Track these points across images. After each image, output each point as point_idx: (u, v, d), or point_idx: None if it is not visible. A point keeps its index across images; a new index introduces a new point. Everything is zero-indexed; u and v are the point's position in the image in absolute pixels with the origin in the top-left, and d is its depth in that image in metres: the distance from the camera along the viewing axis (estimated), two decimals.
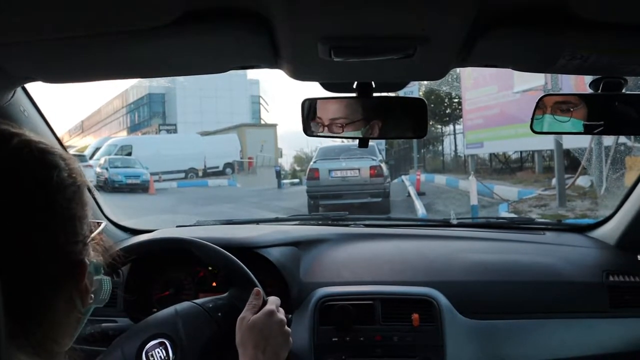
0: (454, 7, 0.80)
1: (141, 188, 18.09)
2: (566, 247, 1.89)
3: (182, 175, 24.89)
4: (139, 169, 19.47)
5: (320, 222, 2.18)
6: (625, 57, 1.02)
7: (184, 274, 1.76)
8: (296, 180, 23.20)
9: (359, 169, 10.83)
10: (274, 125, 34.51)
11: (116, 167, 19.31)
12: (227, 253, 1.40)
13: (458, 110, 20.00)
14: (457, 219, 2.15)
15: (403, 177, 18.14)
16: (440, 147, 24.23)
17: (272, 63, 1.06)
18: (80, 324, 0.73)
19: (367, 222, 2.17)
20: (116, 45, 0.94)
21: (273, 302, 1.26)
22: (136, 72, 1.21)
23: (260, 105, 42.05)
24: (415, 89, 20.82)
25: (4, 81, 1.18)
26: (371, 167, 10.83)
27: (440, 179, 16.58)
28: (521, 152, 17.37)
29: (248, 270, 1.37)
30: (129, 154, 22.56)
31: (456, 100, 20.05)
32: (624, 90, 1.16)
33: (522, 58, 1.06)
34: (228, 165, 26.94)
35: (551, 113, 1.22)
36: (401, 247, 1.92)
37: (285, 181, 21.84)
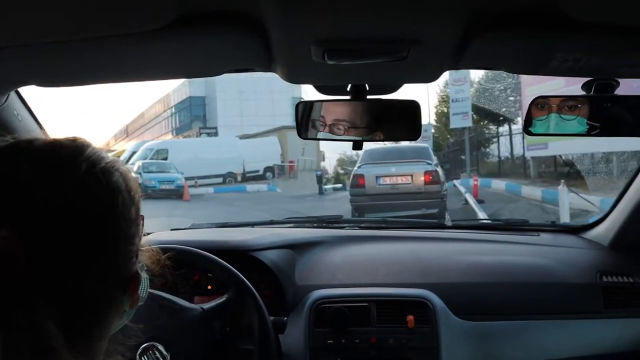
0: (447, 10, 0.81)
1: (175, 194, 17.24)
2: (560, 249, 1.90)
3: (220, 180, 23.67)
4: (174, 173, 18.73)
5: (315, 225, 2.18)
6: (617, 59, 1.04)
7: (179, 278, 1.65)
8: (339, 185, 21.75)
9: (411, 175, 9.26)
10: None
11: (150, 171, 18.49)
12: (215, 257, 1.42)
13: (514, 109, 18.33)
14: (452, 220, 2.40)
15: (455, 181, 16.59)
16: (493, 149, 22.48)
17: (266, 66, 1.06)
18: (123, 321, 0.72)
19: (362, 225, 2.19)
20: (110, 49, 0.95)
21: None
22: (131, 75, 1.19)
23: None
24: (467, 87, 19.21)
25: None
26: (426, 173, 9.28)
27: (498, 184, 14.87)
28: (592, 154, 15.47)
29: (238, 273, 1.39)
30: (165, 158, 21.69)
31: (512, 98, 18.39)
32: (616, 92, 1.16)
33: (514, 60, 1.07)
34: (268, 169, 25.70)
35: (545, 114, 1.22)
36: (396, 249, 1.92)
37: (327, 186, 20.52)
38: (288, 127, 33.38)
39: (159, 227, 2.21)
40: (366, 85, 1.17)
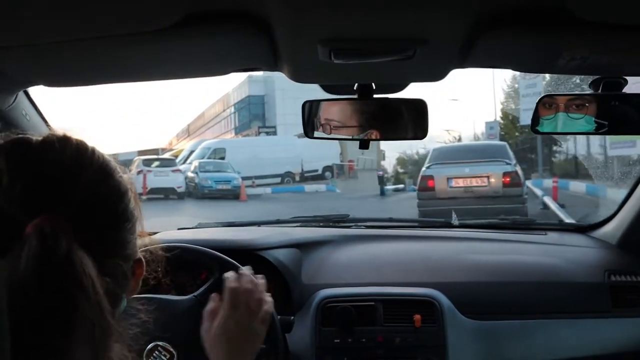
0: (454, 9, 0.81)
1: (232, 194, 16.90)
2: (568, 248, 1.89)
3: (278, 180, 23.18)
4: (231, 173, 18.36)
5: (321, 224, 2.17)
6: (625, 57, 1.04)
7: (186, 277, 1.68)
8: (400, 186, 20.79)
9: (488, 177, 8.21)
10: None
11: (207, 171, 18.29)
12: (209, 250, 1.44)
13: None
14: (459, 219, 2.14)
15: (527, 183, 15.34)
16: (566, 147, 20.87)
17: (273, 65, 1.07)
18: (119, 310, 0.73)
19: (368, 224, 2.17)
20: (117, 49, 0.96)
21: (229, 280, 1.10)
22: (137, 75, 1.21)
23: None
24: (539, 81, 17.90)
25: (6, 85, 1.18)
26: (505, 174, 8.21)
27: (577, 186, 13.51)
28: None
29: (227, 258, 1.40)
30: (223, 157, 21.33)
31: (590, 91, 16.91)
32: (624, 90, 1.16)
33: (521, 59, 1.07)
34: (327, 168, 24.93)
35: (553, 113, 1.22)
36: (403, 249, 1.92)
37: (388, 187, 19.64)
38: None
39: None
40: (373, 84, 1.17)
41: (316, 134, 1.22)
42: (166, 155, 22.03)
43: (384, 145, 30.23)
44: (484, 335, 1.61)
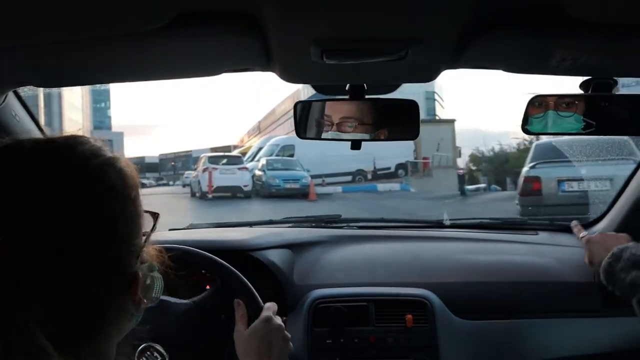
0: (446, 10, 0.81)
1: (301, 193, 16.00)
2: (559, 247, 1.90)
3: (349, 178, 22.01)
4: (300, 171, 17.53)
5: (313, 225, 2.16)
6: (615, 58, 1.04)
7: (177, 278, 1.56)
8: (481, 186, 18.99)
9: (610, 180, 6.75)
10: (451, 121, 29.56)
11: (274, 169, 17.53)
12: (213, 256, 1.41)
13: None
14: (450, 220, 2.14)
15: None
16: None
17: (265, 66, 1.07)
18: (132, 323, 0.72)
19: (360, 224, 2.17)
20: (109, 49, 0.95)
21: (270, 308, 1.24)
22: (129, 75, 1.21)
23: (435, 102, 39.43)
24: None
25: None
26: None
27: None
28: None
29: (223, 262, 1.38)
30: (292, 155, 20.33)
31: None
32: (613, 91, 1.17)
33: (513, 60, 1.07)
34: (400, 166, 23.58)
35: (543, 112, 1.23)
36: (395, 249, 1.92)
37: (469, 187, 17.98)
38: (422, 121, 31.17)
39: None
40: (364, 84, 1.17)
41: (308, 134, 1.23)
42: (234, 153, 21.55)
43: (460, 141, 28.38)
44: (475, 335, 1.62)
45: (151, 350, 1.22)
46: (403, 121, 1.23)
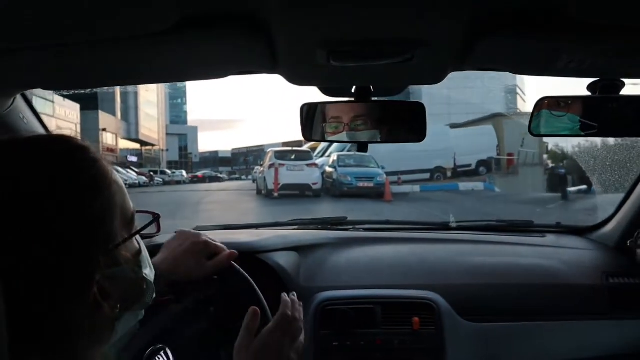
0: (452, 12, 0.81)
1: (375, 193, 14.54)
2: (566, 250, 1.89)
3: (427, 176, 20.35)
4: (374, 168, 15.96)
5: (319, 227, 2.16)
6: (623, 60, 1.04)
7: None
8: (583, 187, 15.91)
9: None
10: None
11: (346, 166, 16.02)
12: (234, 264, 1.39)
13: None
14: (457, 222, 2.13)
15: None
16: None
17: (271, 69, 1.06)
18: (117, 331, 0.68)
19: (366, 226, 2.16)
20: (115, 52, 0.95)
21: (285, 304, 1.13)
22: (135, 78, 1.23)
23: (517, 95, 36.71)
24: None
25: (4, 88, 1.18)
26: None
27: None
28: None
29: (246, 274, 1.34)
30: (365, 150, 19.05)
31: None
32: (621, 93, 1.17)
33: (520, 61, 1.07)
34: (482, 163, 21.72)
35: (551, 115, 1.23)
36: (401, 251, 1.92)
37: (571, 188, 15.37)
38: (505, 115, 28.80)
39: None
40: (371, 87, 1.18)
41: (314, 136, 1.23)
42: (304, 148, 20.29)
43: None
44: (482, 337, 1.61)
45: (161, 354, 1.20)
46: (409, 123, 1.22)
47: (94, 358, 0.65)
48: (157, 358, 1.18)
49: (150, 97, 55.15)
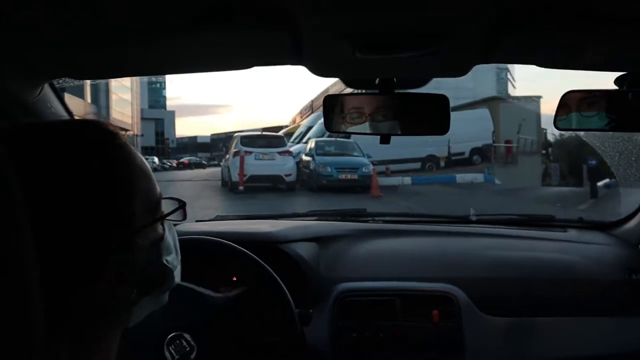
0: (478, 4, 0.81)
1: (359, 186, 12.40)
2: (588, 245, 1.87)
3: (418, 165, 18.25)
4: (358, 157, 13.77)
5: (339, 218, 2.16)
6: None
7: (203, 268, 1.63)
8: (607, 181, 13.26)
9: None
10: (537, 99, 24.26)
11: (326, 154, 13.83)
12: (238, 246, 1.41)
13: None
14: (477, 215, 2.11)
15: None
16: None
17: (295, 60, 1.07)
18: (132, 314, 0.69)
19: (386, 218, 2.15)
20: (142, 43, 0.97)
21: None
22: (160, 68, 1.22)
23: (508, 82, 35.67)
24: None
25: (34, 79, 1.18)
26: None
27: None
28: None
29: (263, 263, 1.37)
30: (348, 136, 16.90)
31: None
32: None
33: (546, 55, 1.06)
34: (476, 151, 19.62)
35: (577, 110, 1.21)
36: (420, 243, 1.92)
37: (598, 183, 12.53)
38: (502, 98, 26.62)
39: None
40: (394, 79, 1.18)
41: (337, 128, 1.23)
42: (278, 133, 17.97)
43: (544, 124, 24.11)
44: (501, 332, 1.60)
45: (180, 340, 1.22)
46: (433, 116, 1.21)
47: (112, 341, 0.67)
48: (177, 342, 1.20)
49: (125, 81, 52.75)
